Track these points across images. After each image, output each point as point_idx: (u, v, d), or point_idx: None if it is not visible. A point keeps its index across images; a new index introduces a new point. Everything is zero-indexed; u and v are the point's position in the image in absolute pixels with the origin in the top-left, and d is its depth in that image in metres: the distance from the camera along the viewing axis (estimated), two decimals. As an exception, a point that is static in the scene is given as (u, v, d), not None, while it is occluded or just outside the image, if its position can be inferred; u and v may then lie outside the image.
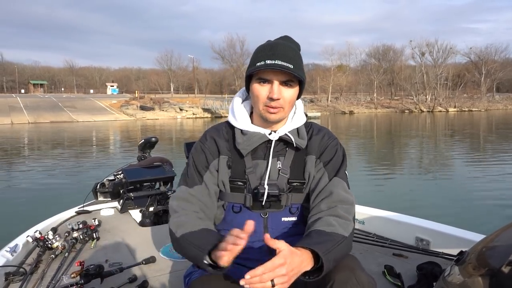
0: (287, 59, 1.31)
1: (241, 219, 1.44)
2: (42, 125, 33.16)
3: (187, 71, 78.17)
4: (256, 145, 1.42)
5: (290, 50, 1.35)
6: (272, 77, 1.32)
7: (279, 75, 1.32)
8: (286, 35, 1.45)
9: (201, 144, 1.47)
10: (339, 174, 1.42)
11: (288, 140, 1.42)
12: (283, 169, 1.43)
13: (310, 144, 1.46)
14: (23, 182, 10.18)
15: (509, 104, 59.24)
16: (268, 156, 1.43)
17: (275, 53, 1.32)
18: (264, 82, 1.34)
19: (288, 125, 1.44)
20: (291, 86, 1.35)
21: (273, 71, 1.31)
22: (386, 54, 69.65)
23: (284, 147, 1.45)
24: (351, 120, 38.96)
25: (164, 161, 3.58)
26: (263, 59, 1.32)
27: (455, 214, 6.70)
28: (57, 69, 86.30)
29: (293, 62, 1.32)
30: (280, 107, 1.35)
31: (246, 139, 1.41)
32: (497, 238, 1.36)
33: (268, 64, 1.30)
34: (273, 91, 1.32)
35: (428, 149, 17.35)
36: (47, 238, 2.44)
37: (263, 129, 1.42)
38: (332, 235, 1.24)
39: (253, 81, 1.37)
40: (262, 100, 1.35)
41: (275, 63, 1.30)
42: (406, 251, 2.37)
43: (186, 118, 41.67)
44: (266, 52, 1.34)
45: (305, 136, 1.46)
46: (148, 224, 3.08)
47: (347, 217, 1.33)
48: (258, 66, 1.31)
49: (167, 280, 2.12)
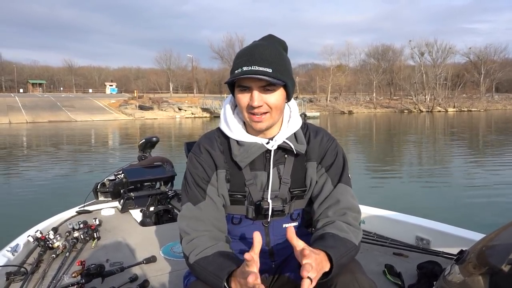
0: (265, 63, 1.24)
1: (242, 229, 1.44)
2: (40, 124, 33.13)
3: (186, 71, 78.23)
4: (255, 157, 1.36)
5: (270, 52, 1.27)
6: (251, 83, 1.26)
7: (257, 81, 1.25)
8: (270, 34, 1.38)
9: (196, 157, 1.40)
10: (343, 180, 1.39)
11: (287, 147, 1.37)
12: (284, 178, 1.39)
13: (309, 149, 1.41)
14: (24, 182, 10.17)
15: (508, 104, 59.31)
16: (268, 167, 1.38)
17: (251, 58, 1.25)
18: (244, 90, 1.27)
19: (285, 131, 1.38)
20: (273, 91, 1.27)
21: (251, 78, 1.24)
22: (385, 54, 69.68)
23: (282, 154, 1.40)
24: (350, 120, 38.95)
25: (164, 161, 3.58)
26: (240, 65, 1.25)
27: (455, 213, 6.72)
28: (56, 68, 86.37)
29: (273, 65, 1.25)
30: (264, 114, 1.28)
31: (243, 151, 1.35)
32: (497, 237, 1.37)
33: (245, 71, 1.23)
34: (253, 98, 1.26)
35: (428, 148, 17.37)
36: (48, 238, 2.44)
37: (259, 139, 1.36)
38: (345, 242, 1.22)
39: (235, 89, 1.31)
40: (245, 109, 1.29)
41: (251, 69, 1.23)
42: (406, 250, 2.38)
43: (185, 117, 41.65)
44: (243, 57, 1.27)
45: (304, 141, 1.40)
46: (149, 223, 3.09)
47: (356, 225, 1.32)
48: (236, 74, 1.25)
49: (168, 279, 2.12)
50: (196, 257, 1.26)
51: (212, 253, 1.25)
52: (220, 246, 1.28)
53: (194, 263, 1.26)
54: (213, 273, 1.19)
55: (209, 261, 1.23)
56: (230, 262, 1.19)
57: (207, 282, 1.22)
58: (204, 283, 1.24)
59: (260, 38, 1.38)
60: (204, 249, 1.27)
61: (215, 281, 1.17)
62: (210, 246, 1.27)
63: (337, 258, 1.12)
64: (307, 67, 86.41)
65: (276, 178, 1.39)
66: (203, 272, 1.23)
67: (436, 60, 63.68)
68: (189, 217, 1.34)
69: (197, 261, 1.26)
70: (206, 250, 1.26)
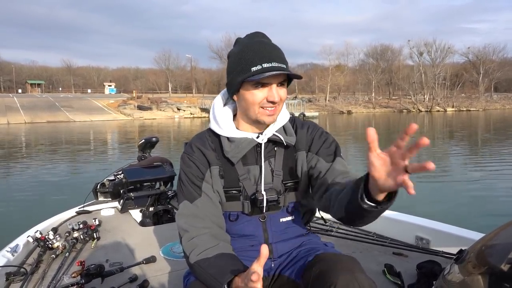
0: (280, 60, 1.29)
1: (239, 226, 1.44)
2: (39, 125, 33.11)
3: (185, 71, 78.21)
4: (246, 151, 1.38)
5: (278, 49, 1.33)
6: (271, 80, 1.29)
7: (276, 77, 1.29)
8: (259, 32, 1.40)
9: (189, 156, 1.41)
10: (339, 155, 1.41)
11: (277, 140, 1.40)
12: (276, 170, 1.42)
13: (297, 140, 1.44)
14: (23, 182, 10.15)
15: (506, 104, 59.41)
16: (260, 161, 1.40)
17: (269, 55, 1.28)
18: (260, 86, 1.30)
19: (274, 124, 1.41)
20: (285, 86, 1.34)
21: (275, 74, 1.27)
22: (384, 53, 69.77)
23: (273, 147, 1.42)
24: (349, 120, 38.97)
25: (164, 161, 3.58)
26: (258, 62, 1.27)
27: (455, 213, 6.74)
28: (55, 68, 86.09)
29: (285, 61, 1.31)
30: (276, 108, 1.33)
31: (234, 147, 1.37)
32: (496, 236, 1.37)
33: (267, 67, 1.26)
34: (273, 94, 1.29)
35: (427, 148, 17.34)
36: (47, 238, 2.44)
37: (249, 134, 1.39)
38: None
39: (247, 86, 1.31)
40: (259, 104, 1.31)
41: (273, 66, 1.26)
42: (406, 250, 2.38)
43: (184, 117, 41.67)
44: (257, 54, 1.29)
45: (293, 133, 1.44)
46: (149, 224, 3.08)
47: None
48: (256, 71, 1.26)
49: (168, 279, 2.12)
50: (197, 257, 1.26)
51: (213, 255, 1.25)
52: (221, 247, 1.29)
53: (194, 263, 1.27)
54: (213, 277, 1.19)
55: (210, 263, 1.23)
56: (231, 266, 1.19)
57: (207, 284, 1.22)
58: (204, 284, 1.25)
59: (253, 35, 1.38)
60: (205, 249, 1.27)
61: (215, 285, 1.17)
62: (211, 246, 1.28)
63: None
64: (306, 67, 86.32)
65: (268, 171, 1.41)
66: (203, 273, 1.23)
67: (435, 59, 63.89)
68: (187, 215, 1.35)
69: (197, 261, 1.26)
70: (207, 250, 1.27)
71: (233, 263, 1.23)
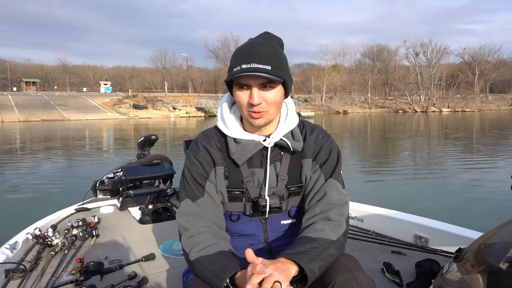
0: (264, 60, 1.24)
1: (240, 225, 1.44)
2: (33, 123, 32.91)
3: (182, 70, 77.89)
4: (252, 154, 1.36)
5: (268, 49, 1.27)
6: (250, 81, 1.25)
7: (257, 78, 1.24)
8: (266, 32, 1.37)
9: (194, 154, 1.40)
10: (334, 175, 1.40)
11: (283, 145, 1.38)
12: (281, 175, 1.40)
13: (305, 146, 1.41)
14: (23, 180, 10.10)
15: (502, 105, 59.74)
16: (265, 164, 1.38)
17: (250, 55, 1.24)
18: (243, 87, 1.27)
19: (282, 129, 1.38)
20: (271, 88, 1.27)
21: (251, 75, 1.23)
22: (380, 54, 69.84)
23: (279, 151, 1.40)
24: (345, 120, 39.04)
25: (163, 159, 3.58)
26: (239, 63, 1.24)
27: (454, 212, 6.76)
28: (51, 67, 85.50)
29: (272, 62, 1.24)
30: (263, 111, 1.28)
31: (240, 148, 1.35)
32: (495, 235, 1.38)
33: (244, 68, 1.23)
34: (252, 96, 1.25)
35: (425, 147, 17.43)
36: (46, 235, 2.43)
37: (256, 136, 1.37)
38: (319, 241, 1.24)
39: (235, 87, 1.30)
40: (245, 106, 1.29)
41: (251, 66, 1.22)
42: (404, 249, 2.40)
43: (180, 117, 41.55)
44: (241, 55, 1.26)
45: (300, 138, 1.41)
46: (148, 221, 3.09)
47: (338, 219, 1.32)
48: (235, 72, 1.24)
49: (167, 277, 2.12)
50: (197, 254, 1.26)
51: (213, 252, 1.25)
52: (221, 245, 1.29)
53: (194, 260, 1.27)
54: (214, 274, 1.19)
55: (211, 260, 1.23)
56: (231, 264, 1.20)
57: (207, 281, 1.23)
58: (203, 281, 1.25)
59: (257, 36, 1.37)
60: (205, 246, 1.27)
61: (216, 281, 1.17)
62: (211, 244, 1.28)
63: (307, 261, 1.15)
64: (303, 67, 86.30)
65: (273, 175, 1.40)
66: (203, 270, 1.24)
67: (431, 60, 64.01)
68: (188, 213, 1.34)
69: (198, 258, 1.26)
70: (207, 248, 1.27)
71: (233, 260, 1.23)
